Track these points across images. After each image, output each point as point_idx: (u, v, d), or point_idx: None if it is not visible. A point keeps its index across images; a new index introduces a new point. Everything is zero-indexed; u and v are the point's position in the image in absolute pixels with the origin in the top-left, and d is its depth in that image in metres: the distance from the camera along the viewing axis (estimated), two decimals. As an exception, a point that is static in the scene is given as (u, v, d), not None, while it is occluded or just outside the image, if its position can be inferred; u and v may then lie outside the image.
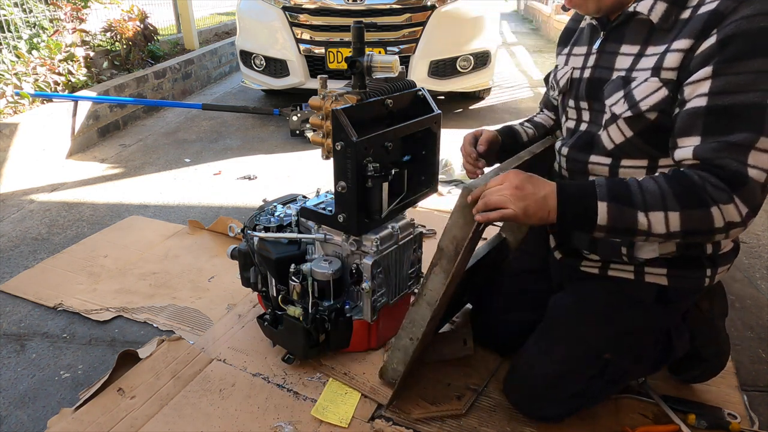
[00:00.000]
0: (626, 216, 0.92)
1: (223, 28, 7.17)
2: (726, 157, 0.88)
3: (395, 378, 1.31)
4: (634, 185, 0.93)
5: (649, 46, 1.01)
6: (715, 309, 1.34)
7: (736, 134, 0.88)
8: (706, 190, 0.88)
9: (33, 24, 3.96)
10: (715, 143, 0.89)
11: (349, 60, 1.30)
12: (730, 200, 0.88)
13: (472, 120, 3.99)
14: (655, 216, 0.90)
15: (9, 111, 3.03)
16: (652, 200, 0.91)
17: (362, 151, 1.23)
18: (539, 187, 0.96)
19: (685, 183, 0.90)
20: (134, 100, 3.91)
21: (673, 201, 0.90)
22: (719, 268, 1.12)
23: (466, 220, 1.04)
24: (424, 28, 3.62)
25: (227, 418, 1.30)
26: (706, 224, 0.90)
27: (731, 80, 0.88)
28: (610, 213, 0.92)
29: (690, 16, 0.94)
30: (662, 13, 0.97)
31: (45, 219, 2.43)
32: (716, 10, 0.90)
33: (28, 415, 1.35)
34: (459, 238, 1.07)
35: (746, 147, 0.87)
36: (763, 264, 2.05)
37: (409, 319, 1.22)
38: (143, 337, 1.62)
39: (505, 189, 0.96)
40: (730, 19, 0.88)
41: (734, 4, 0.89)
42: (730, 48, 0.88)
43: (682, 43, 0.93)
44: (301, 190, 2.05)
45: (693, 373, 1.37)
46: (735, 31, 0.87)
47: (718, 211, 0.88)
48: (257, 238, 1.43)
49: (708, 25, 0.90)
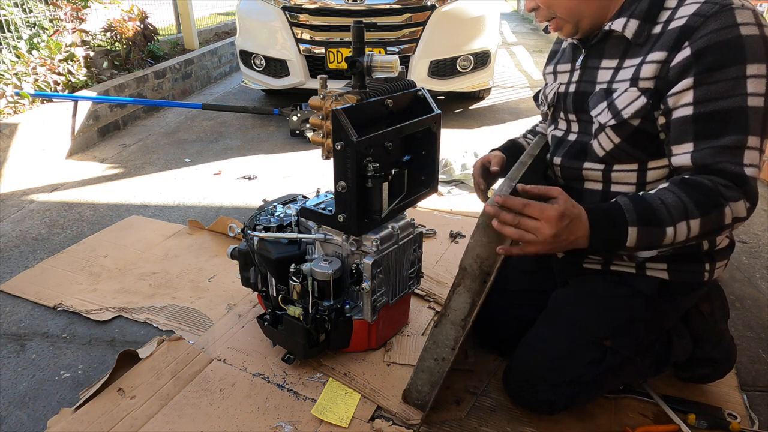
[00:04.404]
0: (654, 234, 0.97)
1: (223, 28, 7.16)
2: (723, 161, 0.95)
3: (421, 400, 1.28)
4: (657, 203, 0.96)
5: (626, 59, 1.08)
6: (716, 311, 1.36)
7: (726, 137, 0.95)
8: (720, 192, 0.94)
9: (33, 24, 3.96)
10: (709, 149, 0.96)
11: (349, 60, 1.30)
12: (741, 197, 0.95)
13: (472, 120, 3.99)
14: (680, 226, 0.95)
15: (9, 111, 3.03)
16: (677, 213, 0.95)
17: (362, 151, 1.23)
18: (574, 231, 0.96)
19: (703, 190, 0.95)
20: (134, 100, 3.91)
21: (694, 210, 0.94)
22: (717, 263, 1.17)
23: (489, 239, 1.02)
24: (424, 28, 3.62)
25: (227, 418, 1.30)
26: (719, 223, 0.96)
27: (712, 88, 0.95)
28: (639, 236, 0.96)
29: (661, 30, 1.02)
30: (635, 30, 1.05)
31: (45, 219, 2.43)
32: (687, 25, 0.98)
33: (28, 415, 1.35)
34: (483, 257, 1.05)
35: (738, 148, 0.95)
36: (763, 264, 2.05)
37: (432, 339, 1.20)
38: (143, 337, 1.62)
39: (541, 233, 0.94)
40: (700, 32, 0.96)
41: (702, 19, 0.96)
42: (705, 59, 0.95)
43: (657, 55, 1.01)
44: (301, 190, 2.05)
45: (702, 372, 1.37)
46: (708, 44, 0.95)
47: (729, 209, 0.95)
48: (257, 238, 1.43)
49: (680, 39, 0.98)
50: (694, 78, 0.96)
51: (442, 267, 1.96)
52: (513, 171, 1.15)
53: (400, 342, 1.55)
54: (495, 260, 1.04)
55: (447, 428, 1.27)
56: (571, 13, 1.11)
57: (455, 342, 1.16)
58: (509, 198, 0.96)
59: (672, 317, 1.27)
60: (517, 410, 1.32)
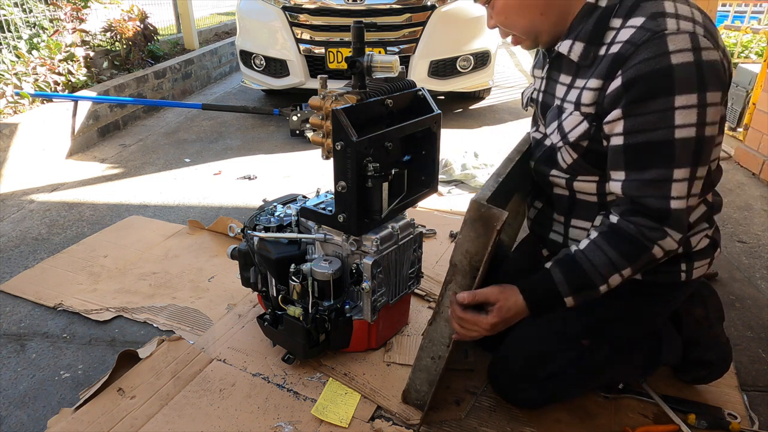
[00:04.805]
0: (589, 295, 1.06)
1: (223, 28, 7.16)
2: (647, 195, 0.98)
3: (420, 400, 1.28)
4: (587, 266, 1.03)
5: (577, 78, 1.08)
6: (710, 315, 1.37)
7: (652, 170, 0.97)
8: (644, 235, 0.99)
9: (33, 24, 3.96)
10: (636, 181, 0.99)
11: (349, 60, 1.30)
12: (665, 234, 0.99)
13: (472, 120, 3.99)
14: (612, 279, 1.03)
15: (9, 111, 3.03)
16: (606, 271, 1.02)
17: (362, 151, 1.23)
18: (511, 321, 1.09)
19: (626, 238, 1.00)
20: (134, 100, 3.90)
21: (622, 261, 1.01)
22: (695, 263, 1.17)
23: (477, 234, 1.03)
24: (424, 28, 3.61)
25: (227, 418, 1.30)
26: (651, 262, 1.02)
27: (639, 120, 0.96)
28: (576, 301, 1.07)
29: (604, 53, 1.01)
30: (581, 53, 1.04)
31: (45, 219, 2.43)
32: (619, 53, 0.96)
33: (28, 415, 1.35)
34: (472, 253, 1.06)
35: (664, 182, 0.96)
36: (763, 264, 2.05)
37: (428, 338, 1.20)
38: (143, 337, 1.62)
39: (479, 334, 1.09)
40: (631, 62, 0.94)
41: (633, 48, 0.94)
42: (633, 91, 0.94)
43: (594, 83, 1.01)
44: (301, 190, 2.05)
45: (698, 374, 1.39)
46: (636, 75, 0.94)
47: (658, 248, 1.00)
48: (257, 238, 1.43)
49: (613, 68, 0.97)
50: (622, 109, 0.96)
51: (442, 267, 1.96)
52: (500, 167, 1.18)
53: (400, 342, 1.55)
54: (483, 255, 1.05)
55: (447, 428, 1.27)
56: (526, 31, 1.11)
57: (450, 339, 1.17)
58: (453, 307, 1.10)
59: (656, 316, 1.27)
60: (517, 410, 1.32)
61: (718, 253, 1.21)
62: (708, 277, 1.90)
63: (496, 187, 1.07)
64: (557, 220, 1.25)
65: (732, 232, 2.31)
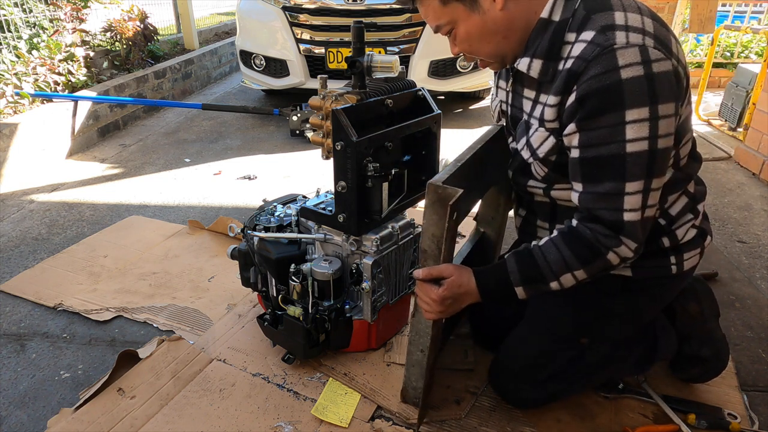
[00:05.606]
0: (539, 288, 1.08)
1: (223, 28, 7.16)
2: (601, 208, 1.00)
3: (417, 397, 1.29)
4: (541, 261, 1.06)
5: (540, 93, 1.09)
6: (705, 311, 1.37)
7: (605, 184, 0.98)
8: (599, 241, 1.00)
9: (33, 24, 3.96)
10: (591, 194, 1.01)
11: (349, 60, 1.30)
12: (620, 243, 1.00)
13: (472, 120, 3.99)
14: (564, 278, 1.05)
15: (9, 111, 3.03)
16: (558, 268, 1.04)
17: (362, 151, 1.23)
18: (461, 302, 1.12)
19: (582, 241, 1.02)
20: (134, 100, 3.91)
21: (575, 262, 1.03)
22: (685, 255, 1.17)
23: (439, 215, 1.06)
24: (424, 28, 3.61)
25: (227, 418, 1.30)
26: (606, 267, 1.04)
27: (592, 135, 0.97)
28: (526, 292, 1.09)
29: (562, 68, 1.01)
30: (540, 69, 1.04)
31: (45, 219, 2.43)
32: (571, 69, 0.97)
33: (28, 415, 1.35)
34: (438, 236, 1.08)
35: (615, 195, 0.97)
36: (763, 264, 2.05)
37: (414, 330, 1.21)
38: (143, 337, 1.62)
39: (430, 307, 1.11)
40: (583, 77, 0.95)
41: (584, 63, 0.94)
42: (586, 106, 0.95)
43: (553, 99, 1.02)
44: (301, 190, 2.05)
45: (693, 372, 1.39)
46: (587, 90, 0.94)
47: (613, 254, 1.01)
48: (257, 238, 1.43)
49: (568, 83, 0.98)
50: (576, 123, 0.98)
51: (442, 267, 1.96)
52: (461, 154, 1.20)
53: (400, 342, 1.55)
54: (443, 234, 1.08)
55: (447, 428, 1.27)
56: (492, 55, 1.11)
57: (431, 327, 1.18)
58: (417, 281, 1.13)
59: (650, 311, 1.28)
60: (517, 410, 1.32)
61: (708, 241, 1.21)
62: (708, 277, 1.91)
63: (453, 171, 1.10)
64: (541, 226, 1.27)
65: (732, 232, 2.31)
